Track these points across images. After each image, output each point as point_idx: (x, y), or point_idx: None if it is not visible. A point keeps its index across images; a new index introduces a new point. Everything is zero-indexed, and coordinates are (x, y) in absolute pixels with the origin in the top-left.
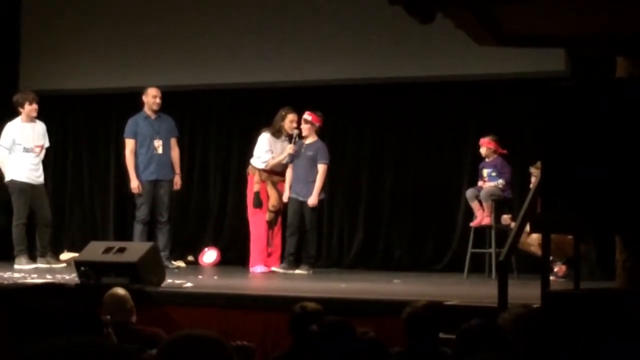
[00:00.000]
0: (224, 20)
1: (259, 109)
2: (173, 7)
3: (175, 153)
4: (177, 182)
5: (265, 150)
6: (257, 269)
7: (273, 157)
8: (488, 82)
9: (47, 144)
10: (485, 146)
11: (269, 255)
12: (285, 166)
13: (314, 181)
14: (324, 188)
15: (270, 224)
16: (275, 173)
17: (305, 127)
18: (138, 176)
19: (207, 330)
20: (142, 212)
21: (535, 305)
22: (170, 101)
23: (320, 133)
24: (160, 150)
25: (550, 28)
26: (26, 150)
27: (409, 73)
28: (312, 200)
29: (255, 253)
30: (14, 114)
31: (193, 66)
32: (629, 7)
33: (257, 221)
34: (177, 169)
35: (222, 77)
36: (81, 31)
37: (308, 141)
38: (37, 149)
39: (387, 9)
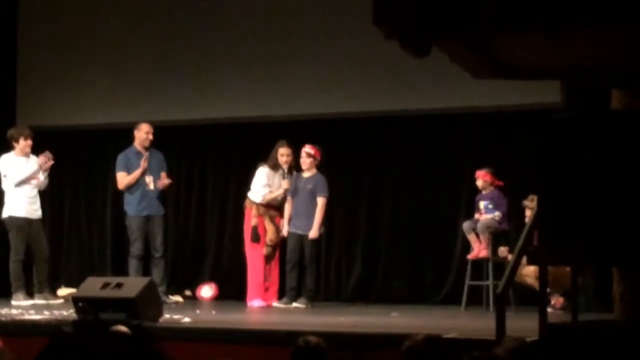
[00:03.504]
0: (221, 56)
1: (256, 143)
2: (170, 43)
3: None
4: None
5: (263, 185)
6: (254, 303)
7: (271, 191)
8: (484, 115)
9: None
10: (482, 178)
11: (267, 289)
12: (282, 201)
13: (314, 214)
14: (323, 221)
15: (268, 258)
16: (273, 207)
17: (307, 161)
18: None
19: None
20: (136, 248)
21: (529, 338)
22: (167, 136)
23: (318, 166)
24: (151, 186)
25: (546, 60)
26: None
27: (405, 106)
28: (313, 234)
29: (252, 287)
30: (8, 148)
31: (190, 101)
32: (624, 40)
33: (255, 255)
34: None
35: (218, 112)
36: (78, 67)
37: (307, 175)
38: (34, 181)
39: (383, 44)
